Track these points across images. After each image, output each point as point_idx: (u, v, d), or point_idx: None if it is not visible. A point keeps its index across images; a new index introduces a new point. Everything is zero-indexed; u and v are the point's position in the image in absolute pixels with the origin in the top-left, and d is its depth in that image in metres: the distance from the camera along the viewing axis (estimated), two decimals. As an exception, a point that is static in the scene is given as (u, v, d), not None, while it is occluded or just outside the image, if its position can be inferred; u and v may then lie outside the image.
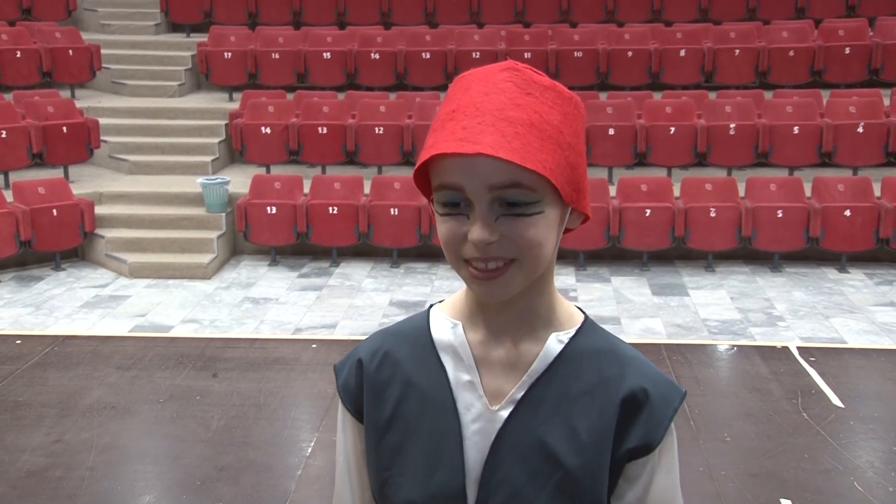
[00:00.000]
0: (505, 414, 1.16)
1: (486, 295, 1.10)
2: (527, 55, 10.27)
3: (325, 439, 4.90)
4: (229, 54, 10.68)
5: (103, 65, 11.07)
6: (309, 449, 4.80)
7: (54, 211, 8.06)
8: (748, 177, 8.52)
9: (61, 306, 7.30)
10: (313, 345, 6.37)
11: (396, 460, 1.19)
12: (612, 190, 8.48)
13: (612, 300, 7.34)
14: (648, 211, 8.01)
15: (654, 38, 10.57)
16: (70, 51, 10.62)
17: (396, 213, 8.19)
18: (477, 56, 10.31)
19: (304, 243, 8.46)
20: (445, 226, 1.09)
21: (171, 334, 6.65)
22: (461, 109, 1.07)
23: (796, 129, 8.93)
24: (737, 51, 10.25)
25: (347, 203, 8.28)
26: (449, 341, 1.20)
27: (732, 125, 8.97)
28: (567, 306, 1.22)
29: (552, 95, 1.09)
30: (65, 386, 5.61)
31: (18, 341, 6.43)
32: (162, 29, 12.31)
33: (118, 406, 5.33)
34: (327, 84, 10.57)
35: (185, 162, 9.56)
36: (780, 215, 7.98)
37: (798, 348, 6.19)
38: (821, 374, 5.71)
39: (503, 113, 1.05)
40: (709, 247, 8.11)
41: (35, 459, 4.69)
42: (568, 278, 7.92)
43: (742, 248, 8.20)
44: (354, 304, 7.31)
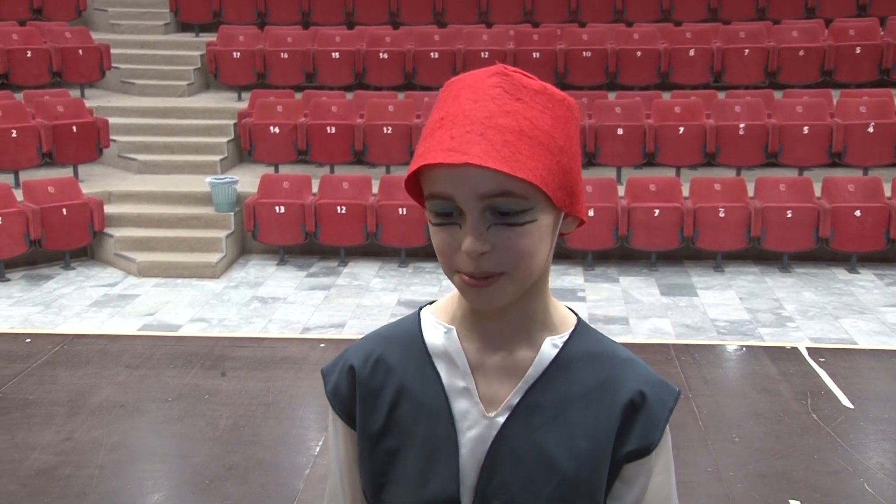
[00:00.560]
0: (501, 420, 1.15)
1: (479, 303, 1.09)
2: (535, 55, 10.26)
3: (333, 438, 4.90)
4: (238, 54, 10.70)
5: (113, 64, 11.11)
6: (317, 448, 4.80)
7: (64, 210, 8.09)
8: (757, 177, 8.49)
9: (70, 305, 7.32)
10: (321, 344, 6.37)
11: (391, 467, 1.18)
12: (621, 190, 8.46)
13: (621, 300, 7.32)
14: (657, 211, 7.99)
15: (664, 38, 10.54)
16: (80, 50, 10.65)
17: (405, 213, 8.19)
18: (486, 56, 10.30)
19: (313, 243, 8.47)
20: (438, 236, 1.08)
21: (180, 333, 6.67)
22: (450, 117, 1.05)
23: (806, 129, 8.89)
24: (746, 50, 10.21)
25: (356, 203, 8.28)
26: (443, 347, 1.19)
27: (742, 125, 8.95)
28: (561, 309, 1.21)
29: (542, 99, 1.08)
30: (74, 384, 5.63)
31: (28, 340, 6.46)
32: (171, 28, 12.34)
33: (127, 405, 5.34)
34: (336, 84, 10.58)
35: (194, 161, 9.58)
36: (790, 215, 7.95)
37: (807, 349, 6.16)
38: (830, 375, 5.69)
39: (492, 121, 1.03)
40: (718, 247, 8.08)
41: (45, 458, 4.70)
42: (576, 278, 7.91)
43: (751, 249, 8.17)
44: (362, 304, 7.31)
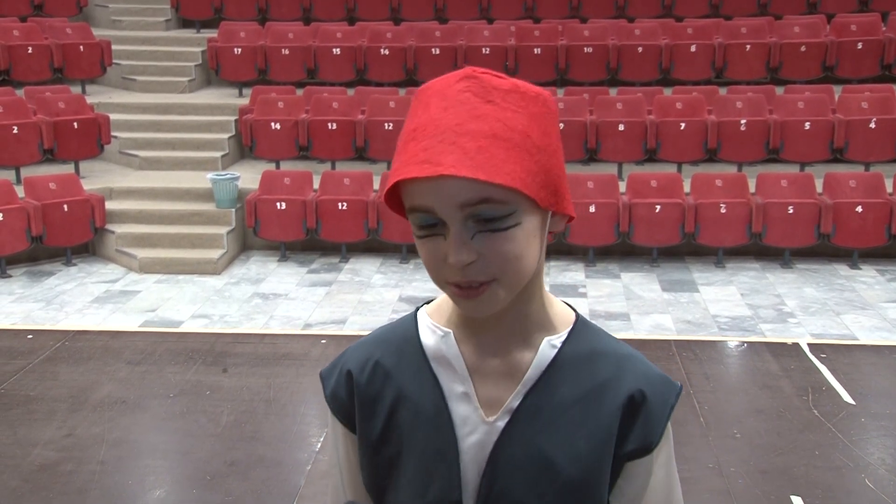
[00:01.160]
0: (501, 424, 1.14)
1: (472, 311, 1.08)
2: (536, 51, 10.25)
3: (335, 434, 4.91)
4: (239, 50, 10.69)
5: (114, 60, 11.11)
6: (318, 444, 4.81)
7: (65, 206, 8.09)
8: (759, 173, 8.48)
9: (72, 301, 7.33)
10: (323, 340, 6.38)
11: (392, 473, 1.18)
12: (622, 186, 8.46)
13: (622, 296, 7.32)
14: (658, 207, 7.99)
15: (665, 34, 10.53)
16: (81, 46, 10.65)
17: (406, 209, 8.17)
18: (487, 52, 10.29)
19: (314, 239, 8.47)
20: (424, 248, 1.07)
21: (181, 329, 6.67)
22: (421, 128, 1.03)
23: (808, 125, 8.88)
24: (748, 46, 10.19)
25: (357, 199, 8.28)
26: (441, 351, 1.17)
27: (743, 121, 8.93)
28: (558, 307, 1.20)
29: (515, 98, 1.04)
30: (76, 381, 5.64)
31: (30, 336, 6.46)
32: (172, 25, 12.33)
33: (129, 401, 5.35)
34: (337, 80, 10.58)
35: (195, 158, 9.58)
36: (791, 211, 7.94)
37: (809, 345, 6.16)
38: (832, 371, 5.69)
39: (463, 127, 1.00)
40: (719, 243, 8.08)
41: (46, 453, 4.71)
42: (577, 274, 7.90)
43: (753, 245, 8.17)
44: (364, 300, 7.32)
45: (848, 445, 4.74)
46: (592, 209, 7.96)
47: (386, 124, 9.23)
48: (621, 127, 8.98)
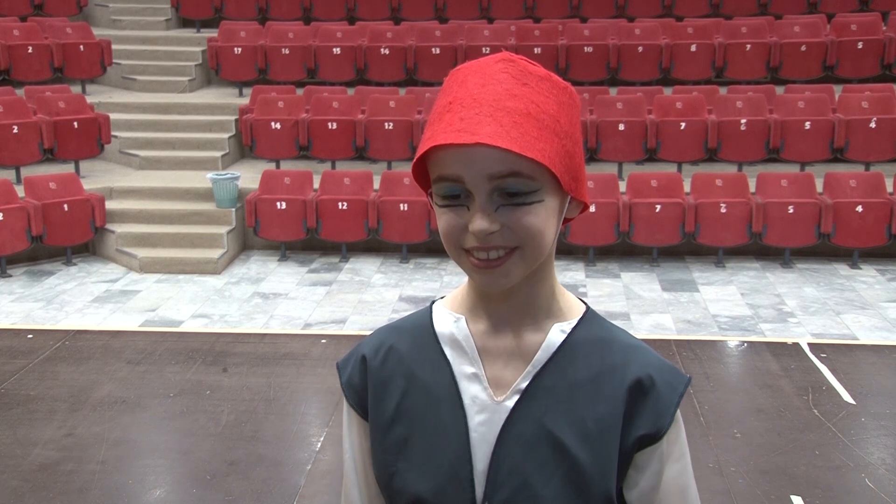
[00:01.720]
0: (510, 404, 1.16)
1: (488, 284, 1.11)
2: (537, 50, 10.25)
3: (335, 434, 4.91)
4: (239, 50, 10.69)
5: (114, 60, 11.11)
6: (318, 444, 4.81)
7: (65, 206, 8.10)
8: (759, 172, 8.48)
9: (72, 301, 7.33)
10: (323, 340, 6.38)
11: (402, 455, 1.19)
12: (622, 185, 8.46)
13: (622, 296, 7.32)
14: (658, 206, 7.99)
15: (665, 34, 10.53)
16: (81, 46, 10.65)
17: (406, 209, 8.19)
18: (487, 51, 10.29)
19: (314, 239, 8.47)
20: (445, 217, 1.10)
21: (182, 329, 6.67)
22: (458, 101, 1.07)
23: (808, 125, 8.88)
24: (748, 46, 10.19)
25: (357, 198, 8.28)
26: (452, 334, 1.20)
27: (743, 120, 8.93)
28: (568, 297, 1.22)
29: (547, 86, 1.10)
30: (76, 380, 5.64)
31: (30, 336, 6.46)
32: (172, 24, 12.33)
33: (129, 400, 5.35)
34: (337, 79, 10.58)
35: (196, 157, 9.58)
36: (792, 211, 7.94)
37: (809, 344, 6.16)
38: (832, 371, 5.69)
39: (500, 103, 1.05)
40: (719, 242, 8.08)
41: (47, 453, 4.71)
42: (577, 274, 7.90)
43: (753, 244, 8.17)
44: (364, 300, 7.32)
45: (848, 445, 4.74)
46: (592, 209, 7.95)
47: (386, 124, 9.23)
48: (621, 126, 8.98)
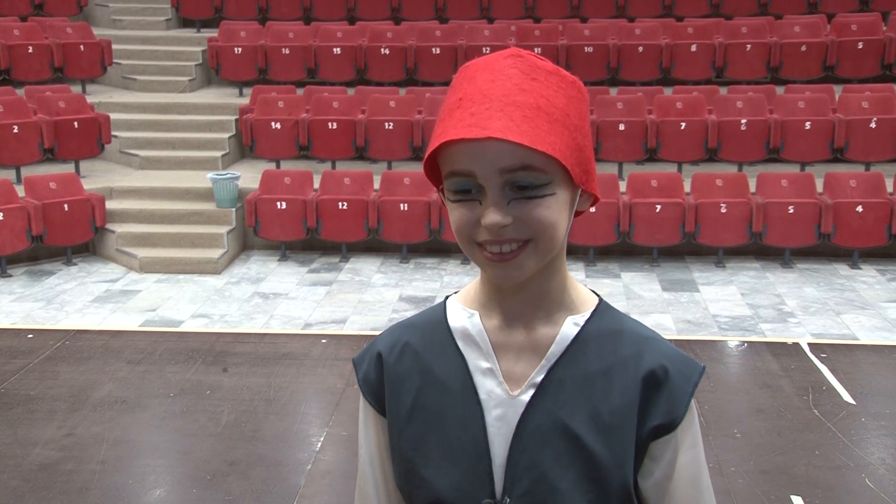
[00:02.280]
0: (526, 398, 1.16)
1: (501, 278, 1.11)
2: (537, 50, 10.25)
3: (335, 434, 4.91)
4: (239, 49, 10.69)
5: (114, 60, 11.11)
6: (318, 444, 4.81)
7: (65, 206, 8.10)
8: (759, 172, 8.48)
9: (72, 301, 7.33)
10: (323, 340, 6.38)
11: (419, 451, 1.20)
12: (623, 185, 8.45)
13: (622, 296, 7.32)
14: (659, 206, 7.99)
15: (665, 34, 10.53)
16: (81, 46, 10.65)
17: (406, 209, 8.19)
18: (487, 51, 10.28)
19: (314, 238, 8.47)
20: (457, 212, 1.10)
21: (182, 329, 6.67)
22: (468, 97, 1.08)
23: (808, 125, 8.88)
24: (748, 46, 10.19)
25: (357, 198, 8.28)
26: (466, 329, 1.21)
27: (743, 120, 8.93)
28: (581, 290, 1.23)
29: (556, 80, 1.11)
30: (76, 380, 5.64)
31: (30, 335, 6.46)
32: (172, 24, 12.33)
33: (129, 400, 5.35)
34: (337, 79, 10.58)
35: (196, 157, 9.58)
36: (792, 211, 7.94)
37: (809, 345, 6.16)
38: (832, 371, 5.69)
39: (510, 98, 1.06)
40: (719, 242, 8.08)
41: (47, 453, 4.71)
42: (578, 273, 7.90)
43: (753, 244, 8.17)
44: (364, 300, 7.32)
45: (848, 445, 4.74)
46: (593, 209, 7.94)
47: (386, 124, 9.23)
48: (622, 126, 8.98)
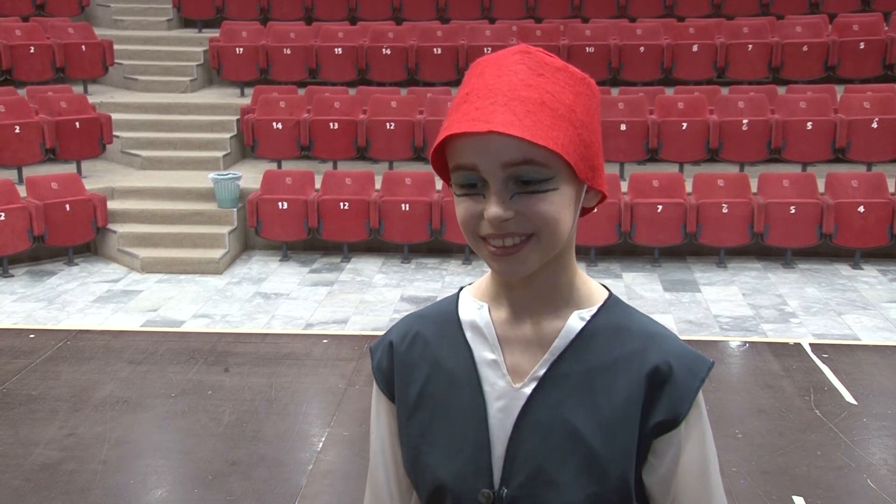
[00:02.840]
0: (528, 391, 1.18)
1: (505, 272, 1.12)
2: (538, 50, 10.24)
3: (337, 434, 4.91)
4: (241, 50, 10.70)
5: (116, 60, 11.11)
6: (320, 444, 4.81)
7: (67, 206, 8.10)
8: (761, 172, 8.47)
9: (74, 301, 7.33)
10: (324, 340, 6.38)
11: (425, 438, 1.22)
12: (624, 186, 8.45)
13: (624, 296, 7.32)
14: (660, 207, 7.99)
15: (667, 34, 10.53)
16: (83, 46, 10.66)
17: (407, 209, 8.19)
18: (488, 51, 10.24)
19: (316, 238, 8.47)
20: (462, 205, 1.12)
21: (183, 329, 6.67)
22: (474, 92, 1.09)
23: (810, 125, 8.88)
24: (750, 46, 10.19)
25: (358, 198, 8.28)
26: (474, 321, 1.23)
27: (745, 121, 8.93)
28: (591, 284, 1.23)
29: (564, 76, 1.12)
30: (77, 380, 5.64)
31: (32, 335, 6.47)
32: (174, 24, 12.34)
33: (130, 400, 5.35)
34: (339, 79, 10.58)
35: (197, 157, 9.59)
36: (793, 211, 7.94)
37: (810, 345, 6.16)
38: (833, 371, 5.68)
39: (515, 93, 1.07)
40: (721, 243, 8.07)
41: (48, 453, 4.71)
42: (579, 274, 7.90)
43: (754, 245, 8.16)
44: (365, 300, 7.32)
45: (850, 446, 4.73)
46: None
47: (387, 124, 9.23)
48: (623, 127, 8.97)
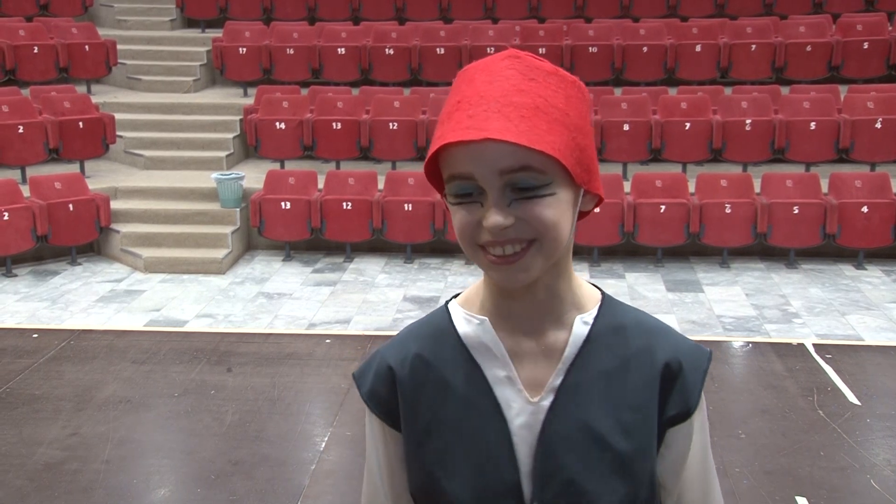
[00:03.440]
0: (547, 404, 1.16)
1: (506, 280, 1.10)
2: (541, 50, 10.24)
3: (339, 434, 4.92)
4: (244, 50, 10.70)
5: (119, 60, 11.12)
6: (323, 444, 4.81)
7: (70, 206, 8.11)
8: (764, 173, 8.46)
9: (77, 301, 7.34)
10: (327, 340, 6.38)
11: (442, 464, 1.18)
12: (627, 186, 8.45)
13: (627, 296, 7.31)
14: (663, 207, 7.98)
15: (670, 34, 10.52)
16: (86, 46, 10.67)
17: (410, 209, 8.19)
18: (491, 51, 10.27)
19: (318, 239, 8.47)
20: (459, 214, 1.09)
21: (186, 329, 6.68)
22: (466, 100, 1.07)
23: (813, 125, 8.86)
24: (753, 46, 10.18)
25: (361, 198, 8.28)
26: (479, 339, 1.19)
27: (748, 121, 8.92)
28: (585, 287, 1.23)
29: (555, 80, 1.10)
30: (81, 380, 5.65)
31: (35, 335, 6.47)
32: (177, 24, 12.35)
33: (133, 400, 5.36)
34: (342, 79, 10.58)
35: (200, 157, 9.59)
36: (797, 211, 7.92)
37: (814, 345, 6.15)
38: (837, 372, 5.67)
39: (508, 99, 1.05)
40: (724, 243, 8.06)
41: (52, 452, 4.72)
42: (582, 274, 7.87)
43: (757, 245, 8.16)
44: (368, 300, 7.32)
45: (853, 446, 4.73)
46: (597, 209, 7.94)
47: (390, 124, 9.23)
48: (626, 127, 8.97)
